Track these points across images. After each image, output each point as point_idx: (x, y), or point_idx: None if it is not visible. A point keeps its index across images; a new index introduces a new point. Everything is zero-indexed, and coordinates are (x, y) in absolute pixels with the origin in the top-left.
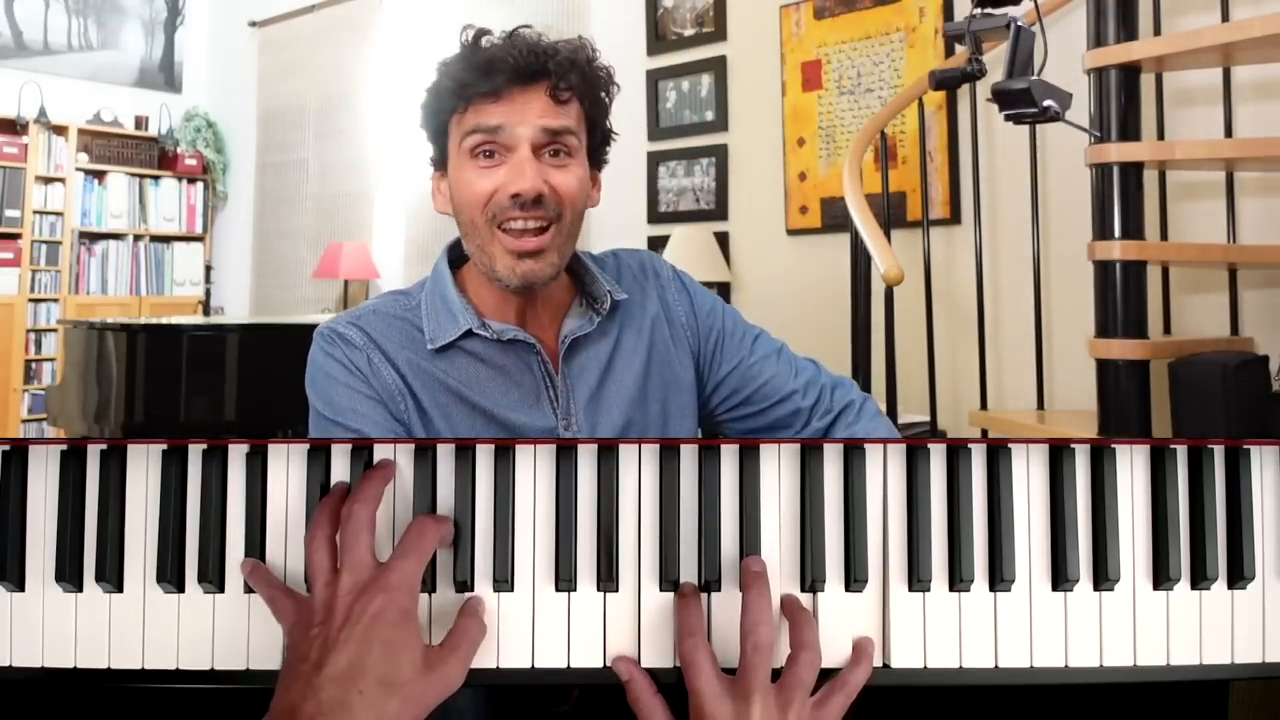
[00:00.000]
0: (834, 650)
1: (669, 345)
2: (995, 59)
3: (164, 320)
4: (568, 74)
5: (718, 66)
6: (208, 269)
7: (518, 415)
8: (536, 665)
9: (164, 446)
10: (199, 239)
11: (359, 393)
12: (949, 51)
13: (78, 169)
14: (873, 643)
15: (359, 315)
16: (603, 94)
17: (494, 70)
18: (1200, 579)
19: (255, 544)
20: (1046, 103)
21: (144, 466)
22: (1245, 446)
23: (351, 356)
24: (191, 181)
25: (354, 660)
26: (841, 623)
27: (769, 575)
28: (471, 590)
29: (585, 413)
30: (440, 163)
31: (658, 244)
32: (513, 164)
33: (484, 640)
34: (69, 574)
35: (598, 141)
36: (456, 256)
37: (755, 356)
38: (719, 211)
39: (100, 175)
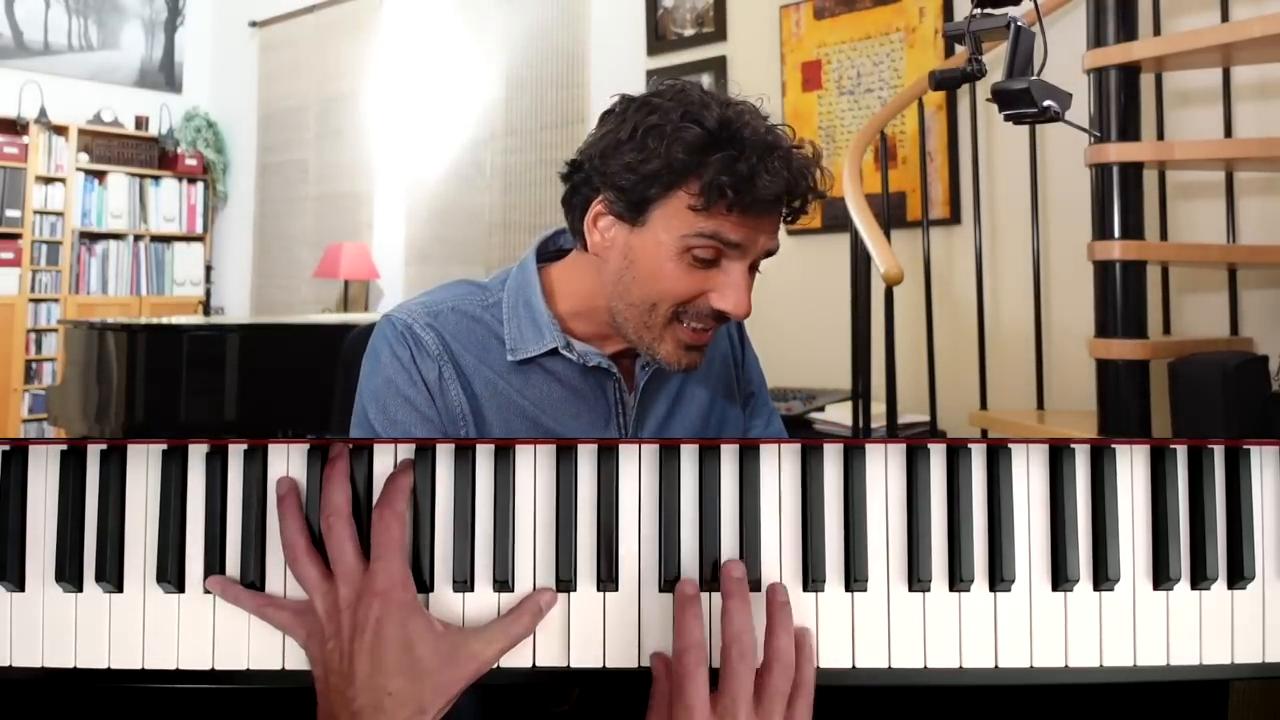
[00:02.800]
0: (835, 651)
1: (731, 386)
2: (995, 59)
3: (164, 320)
4: (806, 203)
5: (718, 66)
6: (208, 269)
7: None
8: (537, 665)
9: (164, 446)
10: (199, 239)
11: (418, 412)
12: (949, 51)
13: (78, 169)
14: (809, 633)
15: (437, 312)
16: None
17: (764, 194)
18: (1200, 579)
19: (254, 543)
20: (1046, 103)
21: (144, 466)
22: (1245, 446)
23: (422, 365)
24: (192, 181)
25: (374, 666)
26: (842, 623)
27: (769, 575)
28: (471, 590)
29: None
30: (629, 213)
31: None
32: (728, 278)
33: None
34: (69, 574)
35: None
36: (544, 255)
37: (770, 432)
38: None
39: (100, 175)
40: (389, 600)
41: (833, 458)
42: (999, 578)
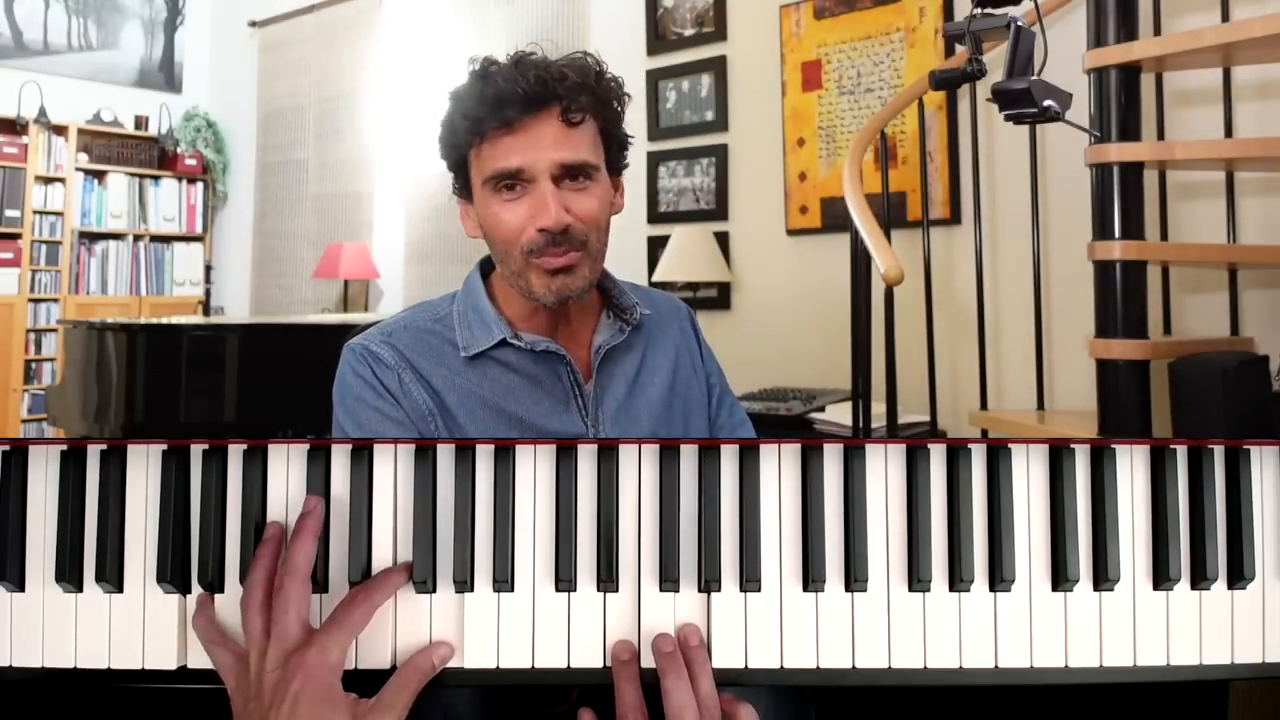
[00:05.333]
0: (835, 651)
1: (690, 372)
2: (995, 59)
3: (164, 320)
4: (577, 96)
5: (718, 66)
6: (208, 269)
7: (550, 422)
8: (537, 665)
9: (164, 446)
10: (199, 239)
11: (388, 418)
12: (949, 51)
13: (78, 169)
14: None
15: (391, 332)
16: (615, 106)
17: (504, 103)
18: (1200, 579)
19: (254, 543)
20: (1046, 103)
21: (144, 466)
22: (1245, 446)
23: (382, 376)
24: (191, 181)
25: None
26: (842, 623)
27: (769, 575)
28: (471, 590)
29: (614, 421)
30: (464, 191)
31: (658, 244)
32: (535, 197)
33: (484, 639)
34: (69, 574)
35: (615, 152)
36: (488, 269)
37: (734, 420)
38: (719, 211)
39: (100, 175)
40: (311, 678)
41: (833, 458)
42: (999, 578)
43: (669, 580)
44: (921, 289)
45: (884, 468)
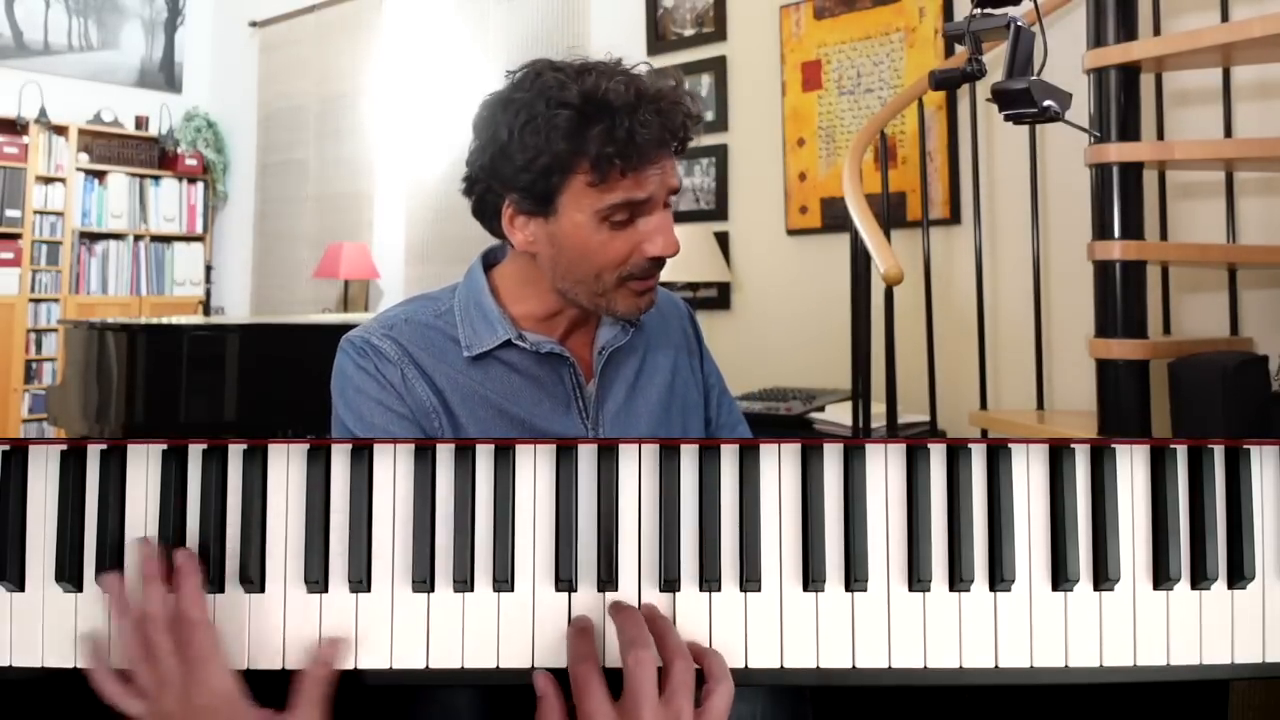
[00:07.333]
0: (835, 651)
1: (689, 374)
2: (995, 59)
3: (164, 320)
4: (691, 133)
5: (718, 66)
6: (208, 269)
7: (550, 424)
8: (537, 665)
9: (164, 446)
10: (199, 239)
11: (393, 411)
12: (949, 51)
13: (78, 169)
14: (706, 644)
15: (392, 325)
16: None
17: (648, 147)
18: (1200, 579)
19: (254, 543)
20: (1046, 103)
21: (144, 466)
22: (1245, 446)
23: (385, 371)
24: (191, 181)
25: None
26: (842, 623)
27: (769, 575)
28: (471, 590)
29: (613, 423)
30: (538, 210)
31: None
32: (654, 226)
33: (484, 639)
34: (69, 574)
35: None
36: (490, 262)
37: (732, 419)
38: (719, 211)
39: (100, 175)
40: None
41: (833, 458)
42: (999, 578)
43: (669, 580)
44: (921, 289)
45: (884, 468)
